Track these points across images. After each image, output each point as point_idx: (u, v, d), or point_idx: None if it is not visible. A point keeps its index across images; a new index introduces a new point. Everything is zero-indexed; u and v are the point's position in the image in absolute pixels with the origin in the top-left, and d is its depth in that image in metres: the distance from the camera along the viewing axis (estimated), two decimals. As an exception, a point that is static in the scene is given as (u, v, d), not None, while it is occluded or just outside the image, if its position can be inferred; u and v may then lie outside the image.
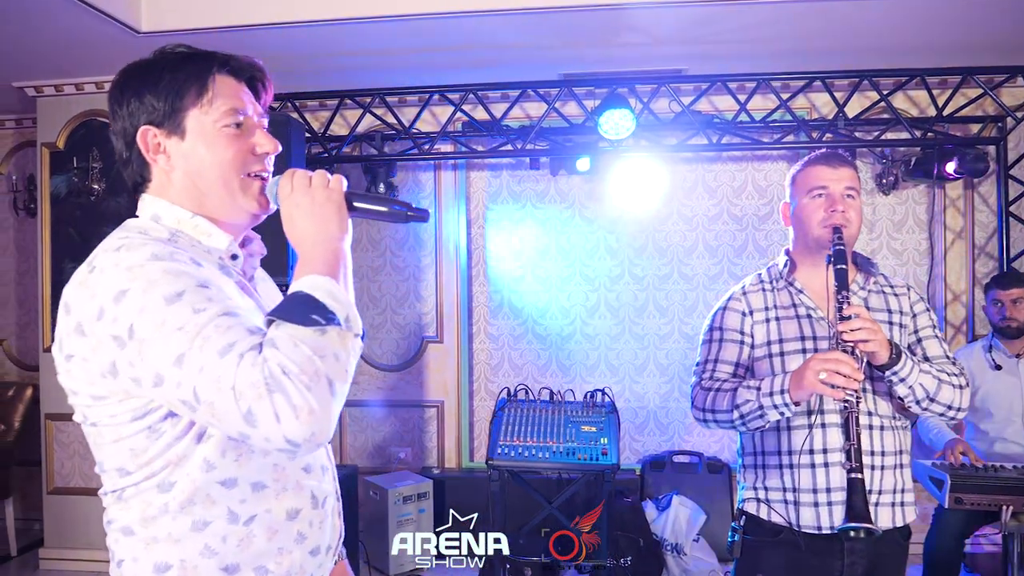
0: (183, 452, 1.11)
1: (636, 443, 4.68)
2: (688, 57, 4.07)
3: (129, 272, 1.05)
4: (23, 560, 4.53)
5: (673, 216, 4.65)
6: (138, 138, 1.19)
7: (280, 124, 3.34)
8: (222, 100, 1.19)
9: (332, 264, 1.13)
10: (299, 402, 0.97)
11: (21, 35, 3.58)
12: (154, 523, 1.13)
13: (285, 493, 1.20)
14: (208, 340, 1.00)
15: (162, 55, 1.22)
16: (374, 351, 4.90)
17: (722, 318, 2.03)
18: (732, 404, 1.85)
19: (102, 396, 1.10)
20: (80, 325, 1.07)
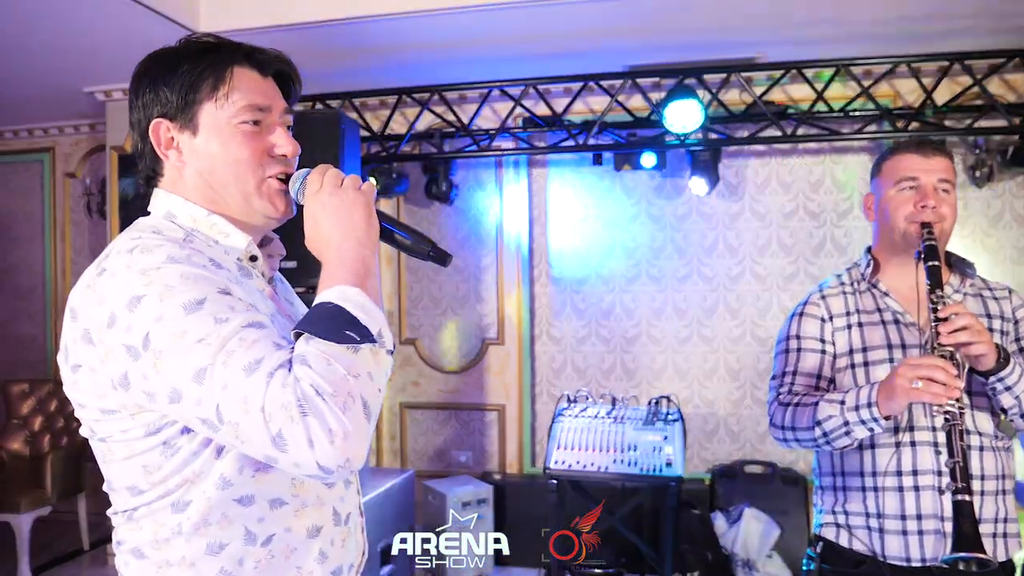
0: (200, 469, 1.02)
1: (705, 451, 4.47)
2: (761, 44, 3.85)
3: (144, 276, 0.97)
4: (94, 555, 4.64)
5: (745, 213, 4.41)
6: (150, 131, 1.10)
7: (332, 123, 3.29)
8: (239, 95, 1.09)
9: (361, 273, 1.02)
10: (334, 426, 0.88)
11: (89, 41, 3.64)
12: (167, 545, 1.04)
13: (305, 510, 1.10)
14: (233, 355, 0.91)
15: (186, 44, 1.13)
16: (434, 353, 4.84)
17: (799, 325, 1.84)
18: (813, 420, 1.66)
19: (112, 410, 1.01)
20: (88, 332, 0.99)
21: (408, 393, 4.86)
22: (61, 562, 4.57)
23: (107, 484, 1.09)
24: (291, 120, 1.18)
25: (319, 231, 1.07)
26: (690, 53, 3.94)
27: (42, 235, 5.43)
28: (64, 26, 3.47)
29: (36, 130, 5.37)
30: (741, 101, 4.08)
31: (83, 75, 4.21)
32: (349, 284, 1.00)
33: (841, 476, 1.77)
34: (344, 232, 1.05)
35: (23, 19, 3.37)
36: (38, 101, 4.74)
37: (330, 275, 1.02)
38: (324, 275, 1.03)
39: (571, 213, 4.64)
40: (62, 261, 5.36)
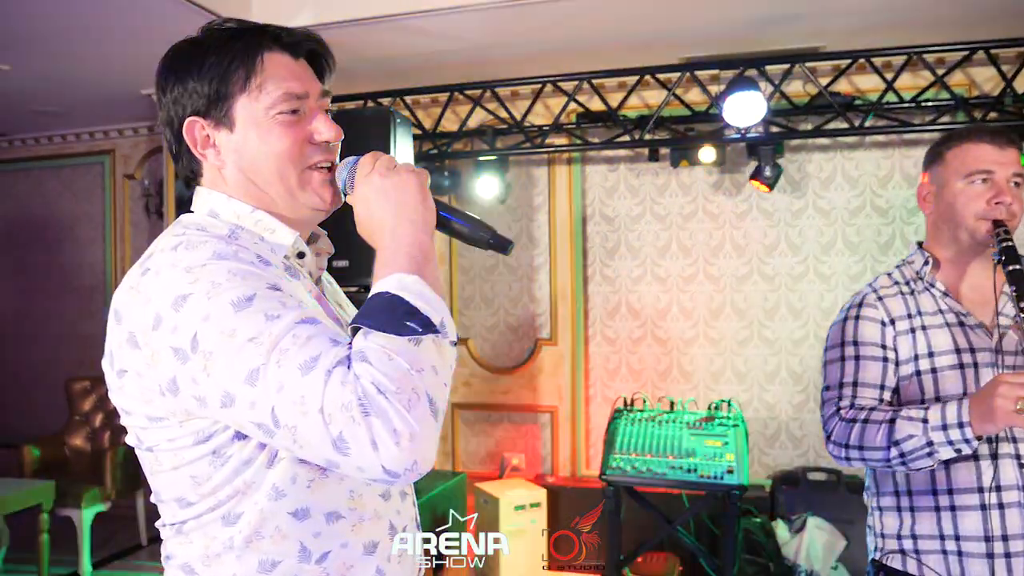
0: (252, 479, 0.96)
1: (766, 457, 4.31)
2: (826, 33, 3.68)
3: (189, 273, 0.91)
4: (152, 550, 4.71)
5: (808, 209, 4.24)
6: (184, 131, 1.04)
7: (383, 120, 3.25)
8: (274, 84, 1.02)
9: (419, 260, 0.94)
10: (399, 426, 0.81)
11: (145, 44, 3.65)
12: (218, 561, 0.98)
13: (362, 524, 1.03)
14: (287, 353, 0.85)
15: (209, 32, 1.05)
16: (486, 353, 4.78)
17: (855, 329, 1.67)
18: (888, 440, 1.50)
19: (160, 417, 0.96)
20: (133, 335, 0.94)
21: (459, 394, 4.81)
22: (120, 557, 4.65)
23: (155, 496, 1.04)
24: (328, 103, 1.10)
25: (372, 215, 0.99)
26: (750, 44, 3.80)
27: (103, 236, 5.55)
28: (122, 31, 3.51)
29: (97, 133, 5.50)
30: (805, 93, 3.91)
31: (141, 78, 4.27)
32: (407, 271, 0.92)
33: (907, 496, 1.61)
34: (399, 215, 0.97)
35: (83, 26, 3.42)
36: (98, 105, 4.84)
37: (386, 262, 0.94)
38: (379, 262, 0.95)
39: (626, 211, 4.52)
40: (122, 261, 5.47)
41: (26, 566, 4.40)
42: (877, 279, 1.74)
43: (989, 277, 1.63)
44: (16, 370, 5.84)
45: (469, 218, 1.08)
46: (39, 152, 5.73)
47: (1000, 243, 1.53)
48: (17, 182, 5.85)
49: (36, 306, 5.78)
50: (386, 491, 1.08)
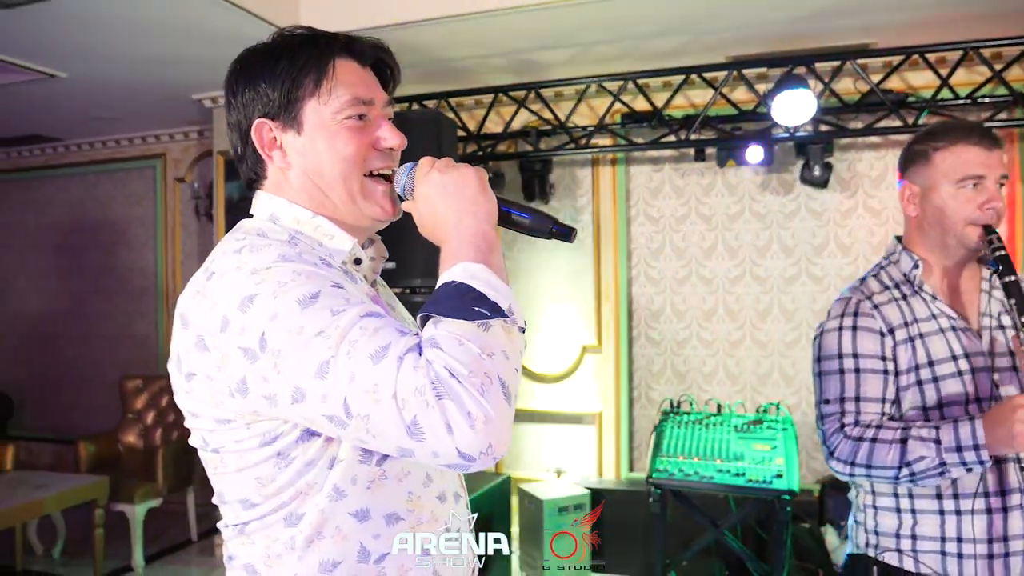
0: (313, 480, 0.97)
1: (814, 461, 4.23)
2: (877, 30, 3.60)
3: (255, 275, 0.92)
4: (202, 545, 4.81)
5: (858, 209, 4.15)
6: (252, 132, 1.06)
7: (430, 122, 3.28)
8: (343, 89, 1.04)
9: (484, 249, 0.94)
10: (473, 409, 0.81)
11: (196, 50, 3.75)
12: (279, 562, 1.00)
13: (420, 526, 1.04)
14: (356, 344, 0.85)
15: (281, 38, 1.08)
16: (530, 355, 4.77)
17: (853, 341, 1.60)
18: (900, 460, 1.48)
19: (228, 419, 0.97)
20: (201, 339, 0.95)
21: (505, 394, 4.81)
22: (171, 552, 4.75)
23: (217, 497, 1.06)
24: (392, 112, 1.12)
25: (434, 211, 1.00)
26: (798, 41, 3.74)
27: (154, 238, 5.69)
28: (174, 38, 3.59)
29: (149, 137, 5.63)
30: (855, 90, 3.83)
31: (191, 83, 4.36)
32: (472, 260, 0.92)
33: (908, 498, 1.59)
34: (461, 208, 0.98)
35: (135, 33, 3.51)
36: (151, 110, 4.96)
37: (451, 253, 0.94)
38: (444, 255, 0.95)
39: (671, 211, 4.49)
40: (172, 263, 5.59)
41: (81, 559, 4.53)
42: (864, 282, 1.68)
43: (972, 279, 1.64)
44: (72, 369, 6.02)
45: (530, 209, 1.08)
46: (93, 156, 5.89)
47: (994, 251, 1.52)
48: (72, 186, 6.02)
49: (90, 307, 5.94)
50: (442, 494, 1.09)
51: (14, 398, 6.16)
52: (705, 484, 3.07)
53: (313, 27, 1.09)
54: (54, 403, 6.09)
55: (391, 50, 1.13)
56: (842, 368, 1.61)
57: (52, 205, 6.10)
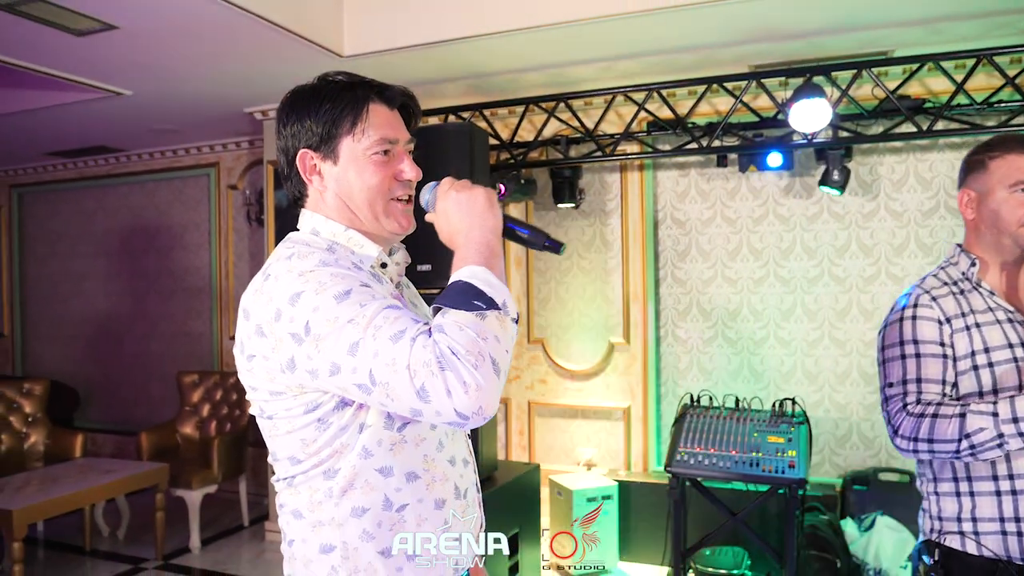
0: (347, 441, 1.21)
1: (837, 457, 4.35)
2: (894, 37, 3.72)
3: (301, 277, 1.17)
4: (253, 531, 5.12)
5: (880, 211, 4.26)
6: (297, 160, 1.31)
7: (464, 133, 3.50)
8: (374, 130, 1.28)
9: (487, 255, 1.19)
10: (468, 379, 1.03)
11: (247, 68, 4.04)
12: (319, 508, 1.24)
13: (434, 484, 1.27)
14: (380, 328, 1.08)
15: (324, 83, 1.32)
16: (562, 352, 4.98)
17: (914, 329, 1.76)
18: (960, 433, 1.61)
19: (279, 391, 1.21)
20: (260, 327, 1.19)
21: (536, 391, 5.03)
22: (225, 535, 5.07)
23: (271, 456, 1.30)
24: (413, 146, 1.36)
25: (450, 223, 1.24)
26: (817, 49, 3.88)
27: (208, 242, 6.04)
28: (227, 57, 3.88)
29: (204, 147, 5.98)
30: (873, 96, 3.95)
31: (243, 98, 4.67)
32: (476, 264, 1.16)
33: (967, 481, 1.72)
34: (471, 222, 1.22)
35: (192, 55, 3.80)
36: (206, 122, 5.29)
37: (461, 257, 1.19)
38: (456, 259, 1.20)
39: (697, 215, 4.65)
40: (225, 265, 5.93)
41: (143, 540, 4.87)
42: (924, 280, 1.83)
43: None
44: (133, 365, 6.41)
45: (529, 226, 1.35)
46: (153, 166, 6.27)
47: None
48: (133, 193, 6.42)
49: (150, 307, 6.33)
50: (452, 458, 1.32)
51: (80, 392, 6.59)
52: (721, 473, 3.25)
53: (352, 73, 1.33)
54: (116, 397, 6.49)
55: (415, 96, 1.38)
56: (904, 354, 1.75)
57: (116, 211, 6.50)
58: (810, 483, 4.19)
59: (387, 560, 1.23)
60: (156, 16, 3.31)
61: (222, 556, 4.71)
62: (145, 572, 4.43)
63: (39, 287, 6.90)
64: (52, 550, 4.87)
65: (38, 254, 6.91)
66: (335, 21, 3.84)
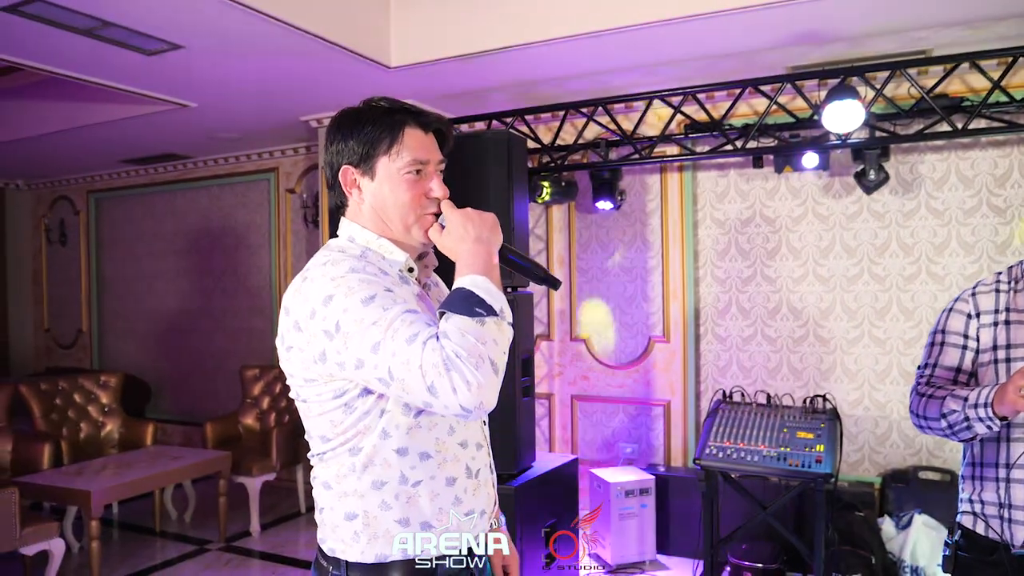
0: (369, 424, 1.39)
1: (876, 455, 4.37)
2: (933, 38, 3.73)
3: (333, 282, 1.35)
4: (309, 517, 5.39)
5: (920, 210, 4.26)
6: (340, 175, 1.49)
7: (501, 141, 3.65)
8: (408, 151, 1.44)
9: (487, 267, 1.36)
10: (471, 379, 1.20)
11: (301, 79, 4.28)
12: (344, 480, 1.42)
13: (446, 464, 1.44)
14: (398, 331, 1.26)
15: (368, 108, 1.49)
16: (603, 349, 5.10)
17: (946, 320, 1.93)
18: (940, 412, 1.79)
19: (312, 379, 1.40)
20: (297, 323, 1.38)
21: (579, 387, 5.17)
22: (283, 521, 5.36)
23: (307, 434, 1.49)
24: (443, 167, 1.53)
25: (455, 234, 1.41)
26: (856, 50, 3.91)
27: (269, 242, 6.36)
28: (282, 70, 4.11)
29: (264, 154, 6.30)
30: (909, 96, 3.96)
31: (299, 107, 4.92)
32: (478, 273, 1.34)
33: (980, 466, 1.86)
34: (477, 234, 1.40)
35: (252, 69, 4.06)
36: (265, 130, 5.59)
37: (464, 266, 1.36)
38: (459, 267, 1.38)
39: (736, 214, 4.71)
40: (284, 264, 6.24)
41: (207, 523, 5.19)
42: (987, 276, 1.96)
43: None
44: (199, 359, 6.78)
45: (529, 260, 1.55)
46: (217, 171, 6.63)
47: None
48: (199, 197, 6.79)
49: (215, 303, 6.69)
50: (464, 441, 1.49)
51: (152, 386, 7.00)
52: (748, 466, 3.34)
53: (393, 99, 1.50)
54: (184, 390, 6.88)
55: (449, 121, 1.55)
56: (932, 341, 1.96)
57: (185, 214, 6.89)
58: (848, 481, 4.25)
59: (404, 528, 1.41)
60: (217, 36, 3.57)
61: (280, 540, 4.98)
62: (209, 553, 4.74)
63: (115, 286, 7.35)
64: (126, 531, 5.24)
65: (114, 255, 7.36)
66: (382, 34, 4.04)
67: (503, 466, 3.65)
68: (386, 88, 4.40)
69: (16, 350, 7.67)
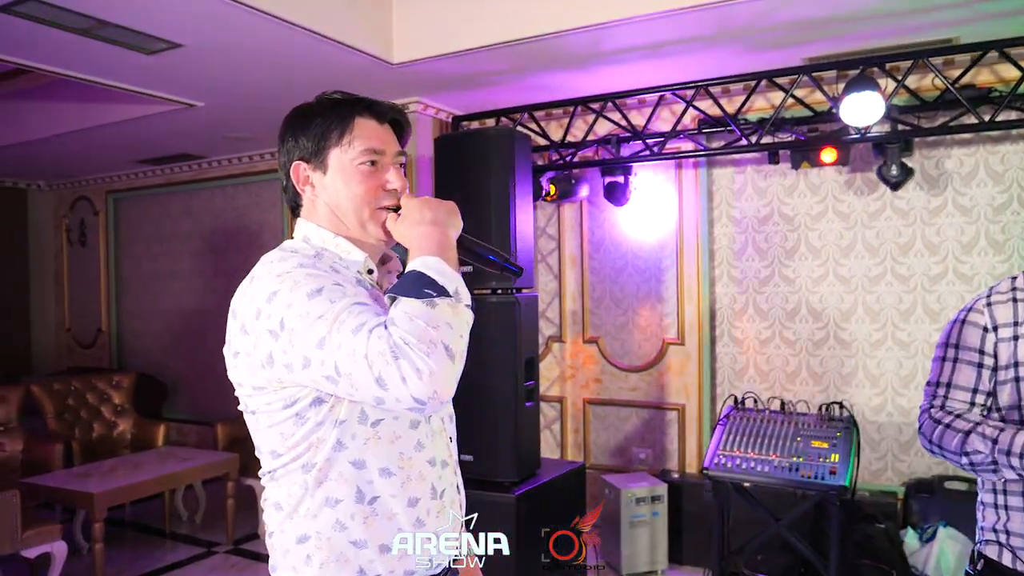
0: (323, 436, 1.28)
1: (900, 463, 4.18)
2: (956, 24, 3.53)
3: (278, 277, 1.26)
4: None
5: (947, 207, 4.06)
6: (291, 171, 1.40)
7: (503, 137, 3.55)
8: (360, 141, 1.35)
9: (442, 247, 1.26)
10: (421, 366, 1.10)
11: (304, 76, 4.20)
12: (296, 500, 1.32)
13: (410, 482, 1.34)
14: (344, 323, 1.16)
15: (319, 102, 1.41)
16: (616, 351, 4.97)
17: (959, 333, 1.76)
18: (961, 449, 1.63)
19: (261, 387, 1.30)
20: (243, 326, 1.29)
21: (591, 390, 5.04)
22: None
23: (257, 449, 1.39)
24: (403, 159, 1.43)
25: (411, 219, 1.31)
26: (874, 39, 3.72)
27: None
28: (284, 68, 4.04)
29: (275, 153, 6.25)
30: (934, 87, 3.77)
31: (306, 104, 4.86)
32: (430, 254, 1.23)
33: (1004, 495, 1.70)
34: (433, 217, 1.30)
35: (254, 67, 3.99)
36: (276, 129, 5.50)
37: (416, 248, 1.26)
38: (411, 253, 1.27)
39: (753, 212, 4.55)
40: (297, 265, 6.18)
41: (217, 525, 5.16)
42: (1000, 283, 1.79)
43: None
44: (213, 359, 6.72)
45: (489, 248, 1.42)
46: (231, 171, 6.61)
47: None
48: (215, 197, 6.78)
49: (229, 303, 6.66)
50: (432, 459, 1.38)
51: (168, 385, 7.01)
52: (759, 477, 3.19)
53: (347, 92, 1.42)
54: (199, 389, 6.88)
55: (404, 112, 1.45)
56: (944, 356, 1.78)
57: (200, 214, 6.88)
58: (869, 490, 4.07)
59: (359, 551, 1.30)
60: (216, 34, 3.51)
61: (288, 543, 4.92)
62: (216, 555, 4.71)
63: (132, 286, 7.38)
64: (137, 532, 5.23)
65: (131, 255, 7.39)
66: (385, 30, 3.95)
67: (505, 473, 3.55)
68: (390, 84, 4.31)
69: (39, 349, 7.75)
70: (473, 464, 3.54)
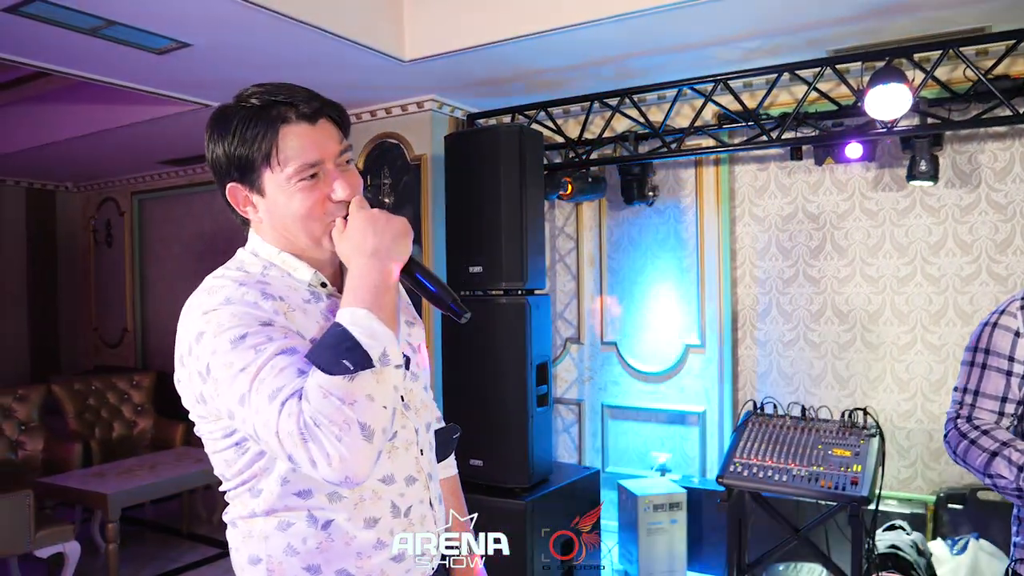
0: (265, 466, 1.22)
1: (930, 471, 4.01)
2: (990, 14, 3.37)
3: (205, 316, 1.17)
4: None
5: (980, 204, 3.88)
6: (228, 194, 1.28)
7: (513, 135, 3.47)
8: (292, 160, 1.20)
9: (378, 292, 1.14)
10: (331, 451, 1.04)
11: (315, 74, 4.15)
12: (251, 520, 1.26)
13: (363, 503, 1.26)
14: (263, 383, 1.09)
15: (238, 106, 1.24)
16: (635, 354, 4.85)
17: (988, 337, 1.67)
18: (985, 471, 1.56)
19: (201, 416, 1.25)
20: (181, 357, 1.22)
21: (609, 394, 4.93)
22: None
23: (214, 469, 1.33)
24: (350, 155, 1.29)
25: (353, 240, 1.19)
26: (902, 29, 3.57)
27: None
28: (294, 67, 3.99)
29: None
30: (965, 78, 3.60)
31: (322, 104, 4.81)
32: (361, 304, 1.12)
33: None
34: (377, 243, 1.18)
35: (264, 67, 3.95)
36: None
37: (349, 291, 1.15)
38: (345, 291, 1.16)
39: (776, 210, 4.40)
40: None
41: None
42: None
43: None
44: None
45: (438, 282, 1.28)
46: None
47: None
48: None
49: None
50: (387, 476, 1.29)
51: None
52: (776, 486, 3.06)
53: (271, 86, 1.24)
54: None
55: (335, 102, 1.29)
56: (972, 361, 1.71)
57: (220, 213, 6.82)
58: (897, 499, 3.91)
59: None
60: (223, 32, 3.47)
61: (304, 545, 4.89)
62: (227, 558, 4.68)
63: (156, 286, 7.43)
64: (156, 532, 5.24)
65: (155, 255, 7.44)
66: (396, 27, 3.89)
67: (515, 479, 3.47)
68: (403, 82, 4.24)
69: (67, 349, 7.85)
70: (482, 469, 3.47)
